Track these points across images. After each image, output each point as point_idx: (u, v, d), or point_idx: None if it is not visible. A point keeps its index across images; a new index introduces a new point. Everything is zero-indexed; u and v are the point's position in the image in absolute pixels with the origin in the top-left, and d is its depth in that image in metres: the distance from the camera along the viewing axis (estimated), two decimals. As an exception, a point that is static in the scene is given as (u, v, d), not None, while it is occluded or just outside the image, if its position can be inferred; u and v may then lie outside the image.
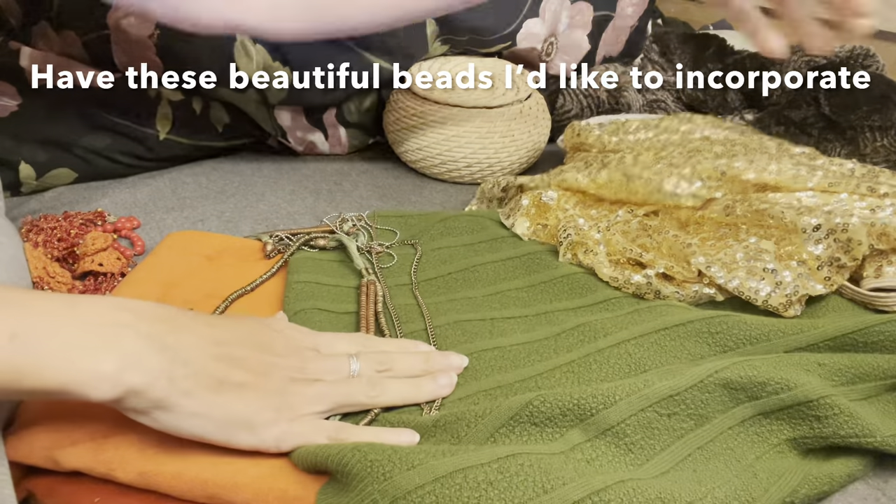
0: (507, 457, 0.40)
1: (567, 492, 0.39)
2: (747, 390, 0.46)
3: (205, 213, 0.73)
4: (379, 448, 0.40)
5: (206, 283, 0.59)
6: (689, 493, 0.41)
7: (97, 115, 0.75)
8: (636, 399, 0.44)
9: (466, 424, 0.45)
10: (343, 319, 0.56)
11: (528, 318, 0.58)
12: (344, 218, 0.69)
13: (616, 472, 0.43)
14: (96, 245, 0.61)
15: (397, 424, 0.46)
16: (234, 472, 0.42)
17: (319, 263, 0.62)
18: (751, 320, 0.53)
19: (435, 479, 0.38)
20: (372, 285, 0.59)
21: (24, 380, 0.36)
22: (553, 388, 0.50)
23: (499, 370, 0.52)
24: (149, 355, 0.39)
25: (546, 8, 0.89)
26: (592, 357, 0.52)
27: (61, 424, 0.43)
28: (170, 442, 0.42)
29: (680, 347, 0.52)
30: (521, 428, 0.44)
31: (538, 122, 0.84)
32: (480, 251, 0.65)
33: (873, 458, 0.47)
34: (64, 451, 0.42)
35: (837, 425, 0.45)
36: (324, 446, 0.42)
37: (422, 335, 0.55)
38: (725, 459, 0.45)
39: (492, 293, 0.61)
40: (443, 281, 0.63)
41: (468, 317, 0.57)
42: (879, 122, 0.81)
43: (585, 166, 0.70)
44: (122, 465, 0.41)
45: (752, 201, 0.60)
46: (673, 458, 0.44)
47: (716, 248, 0.60)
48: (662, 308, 0.56)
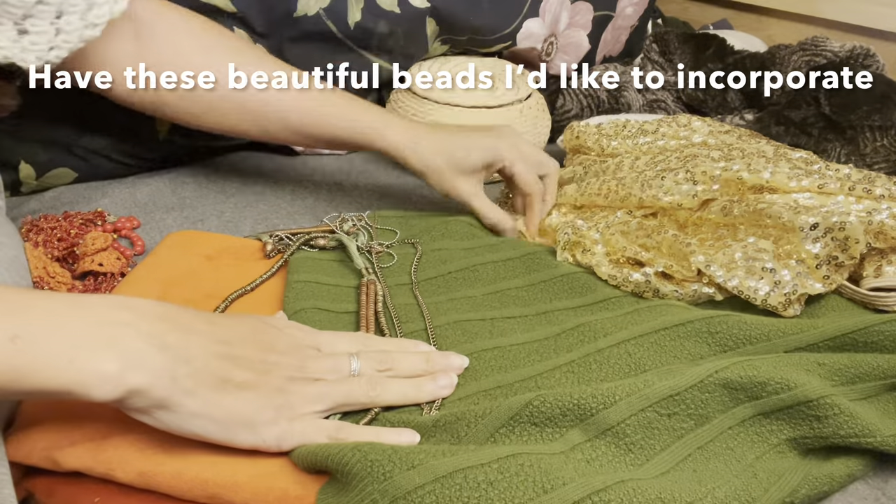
0: (507, 457, 0.40)
1: (567, 492, 0.39)
2: (747, 390, 0.46)
3: (205, 213, 0.73)
4: (379, 448, 0.40)
5: (206, 282, 0.59)
6: (689, 493, 0.41)
7: (97, 115, 0.75)
8: (636, 399, 0.44)
9: (466, 424, 0.45)
10: (343, 319, 0.56)
11: (527, 318, 0.58)
12: (344, 218, 0.69)
13: (616, 472, 0.43)
14: (96, 245, 0.61)
15: (397, 424, 0.46)
16: (234, 471, 0.42)
17: (319, 263, 0.62)
18: (750, 320, 0.53)
19: (435, 478, 0.38)
20: (372, 285, 0.59)
21: (26, 380, 0.36)
22: (553, 387, 0.50)
23: (499, 370, 0.52)
24: (150, 355, 0.39)
25: (546, 8, 0.89)
26: (592, 357, 0.52)
27: (61, 424, 0.43)
28: (169, 442, 0.42)
29: (680, 347, 0.52)
30: (521, 428, 0.44)
31: (538, 122, 0.84)
32: (480, 251, 0.65)
33: (873, 458, 0.47)
34: (64, 451, 0.42)
35: (837, 425, 0.45)
36: (324, 446, 0.42)
37: (422, 335, 0.55)
38: (725, 459, 0.45)
39: (492, 293, 0.61)
40: (443, 280, 0.63)
41: (468, 316, 0.57)
42: (879, 122, 0.81)
43: (580, 178, 0.71)
44: (122, 465, 0.41)
45: (749, 202, 0.60)
46: (673, 458, 0.44)
47: (714, 248, 0.60)
48: (662, 308, 0.56)
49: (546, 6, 0.89)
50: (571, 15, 0.92)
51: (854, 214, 0.57)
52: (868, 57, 0.91)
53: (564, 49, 0.94)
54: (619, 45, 1.03)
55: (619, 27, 0.99)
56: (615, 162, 0.70)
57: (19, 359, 0.36)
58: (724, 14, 1.28)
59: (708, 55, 0.97)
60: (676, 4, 1.34)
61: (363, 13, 0.80)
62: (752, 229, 0.60)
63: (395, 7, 0.81)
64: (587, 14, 0.94)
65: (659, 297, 0.58)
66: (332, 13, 0.79)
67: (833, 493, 0.46)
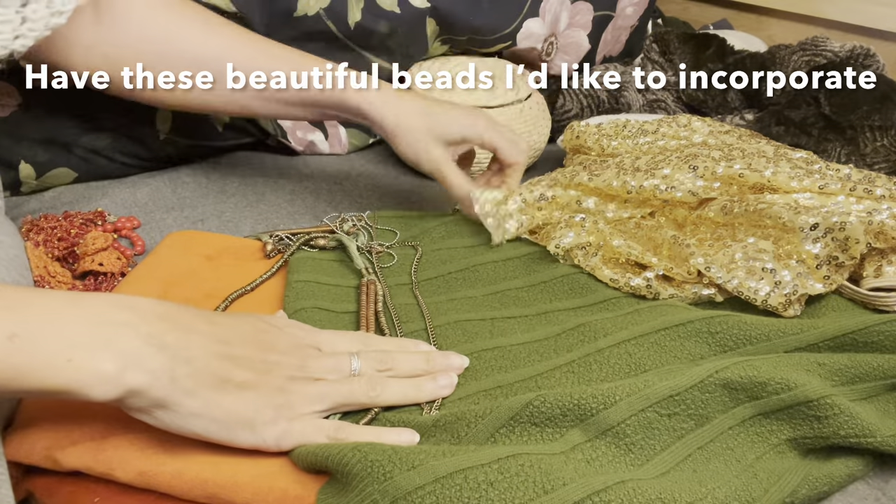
0: (507, 457, 0.40)
1: (567, 492, 0.39)
2: (747, 390, 0.46)
3: (205, 213, 0.73)
4: (379, 448, 0.40)
5: (207, 282, 0.59)
6: (690, 493, 0.41)
7: (97, 115, 0.75)
8: (636, 399, 0.44)
9: (466, 424, 0.45)
10: (343, 319, 0.56)
11: (528, 318, 0.58)
12: (344, 218, 0.69)
13: (616, 472, 0.43)
14: (96, 245, 0.61)
15: (397, 424, 0.46)
16: (235, 471, 0.42)
17: (319, 263, 0.62)
18: (750, 320, 0.53)
19: (435, 479, 0.38)
20: (372, 285, 0.59)
21: (23, 379, 0.36)
22: (553, 387, 0.50)
23: (499, 370, 0.52)
24: (149, 355, 0.39)
25: (546, 8, 0.89)
26: (593, 357, 0.52)
27: (61, 424, 0.43)
28: (170, 441, 0.42)
29: (680, 347, 0.52)
30: (521, 428, 0.44)
31: (538, 122, 0.84)
32: (480, 251, 0.65)
33: (873, 459, 0.47)
34: (64, 450, 0.42)
35: (838, 425, 0.45)
36: (324, 446, 0.42)
37: (422, 335, 0.55)
38: (725, 460, 0.45)
39: (492, 293, 0.61)
40: (443, 280, 0.63)
41: (468, 316, 0.57)
42: (879, 122, 0.81)
43: (584, 170, 0.70)
44: (122, 465, 0.41)
45: (749, 202, 0.60)
46: (674, 459, 0.44)
47: (714, 248, 0.60)
48: (662, 308, 0.56)
49: (546, 6, 0.89)
50: (571, 15, 0.92)
51: (854, 215, 0.57)
52: (868, 57, 0.91)
53: (564, 49, 0.94)
54: (620, 45, 1.03)
55: (619, 27, 0.99)
56: (615, 161, 0.69)
57: (17, 357, 0.36)
58: (724, 14, 1.28)
59: (708, 55, 0.97)
60: (676, 4, 1.34)
61: (363, 13, 0.80)
62: (752, 230, 0.60)
63: (395, 7, 0.82)
64: (587, 14, 0.94)
65: (659, 299, 0.58)
66: (332, 13, 0.79)
67: (833, 494, 0.46)
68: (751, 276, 0.56)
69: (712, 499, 0.41)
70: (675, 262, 0.59)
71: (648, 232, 0.63)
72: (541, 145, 0.85)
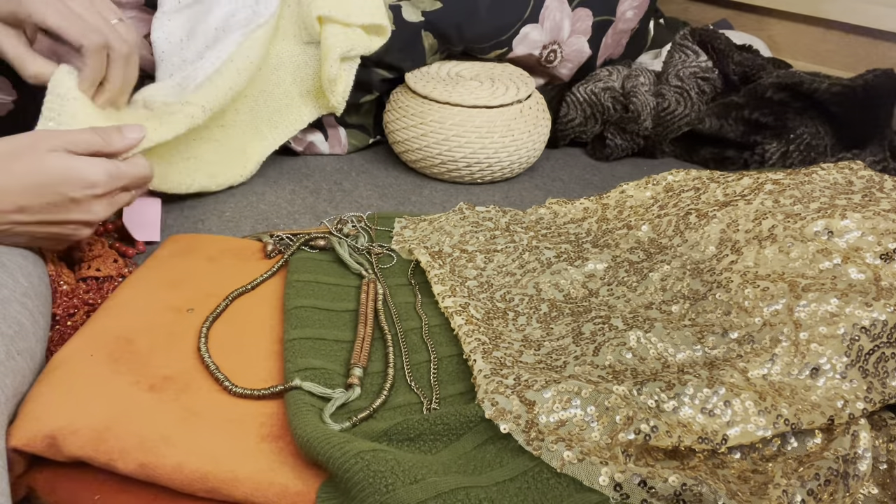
0: (504, 481, 0.41)
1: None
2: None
3: (205, 213, 0.74)
4: (381, 458, 0.40)
5: (207, 282, 0.59)
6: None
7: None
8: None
9: (459, 423, 0.45)
10: (342, 317, 0.57)
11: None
12: (343, 220, 0.69)
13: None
14: (93, 252, 0.62)
15: (397, 421, 0.46)
16: (235, 465, 0.42)
17: (319, 264, 0.62)
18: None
19: (437, 494, 0.39)
20: (373, 283, 0.59)
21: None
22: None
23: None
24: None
25: (545, 15, 0.89)
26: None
27: (64, 413, 0.44)
28: (171, 435, 0.43)
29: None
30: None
31: (538, 122, 0.84)
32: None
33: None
34: (66, 438, 0.42)
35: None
36: (325, 443, 0.42)
37: (417, 333, 0.56)
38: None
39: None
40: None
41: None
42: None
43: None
44: (123, 456, 0.42)
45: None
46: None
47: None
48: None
49: (546, 13, 0.89)
50: (573, 22, 0.92)
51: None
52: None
53: (567, 56, 0.93)
54: (620, 48, 1.02)
55: (619, 31, 0.99)
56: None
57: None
58: (724, 14, 1.27)
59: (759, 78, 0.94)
60: (676, 5, 1.34)
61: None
62: None
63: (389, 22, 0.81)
64: (587, 20, 0.93)
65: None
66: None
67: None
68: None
69: None
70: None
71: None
72: (541, 145, 0.85)
